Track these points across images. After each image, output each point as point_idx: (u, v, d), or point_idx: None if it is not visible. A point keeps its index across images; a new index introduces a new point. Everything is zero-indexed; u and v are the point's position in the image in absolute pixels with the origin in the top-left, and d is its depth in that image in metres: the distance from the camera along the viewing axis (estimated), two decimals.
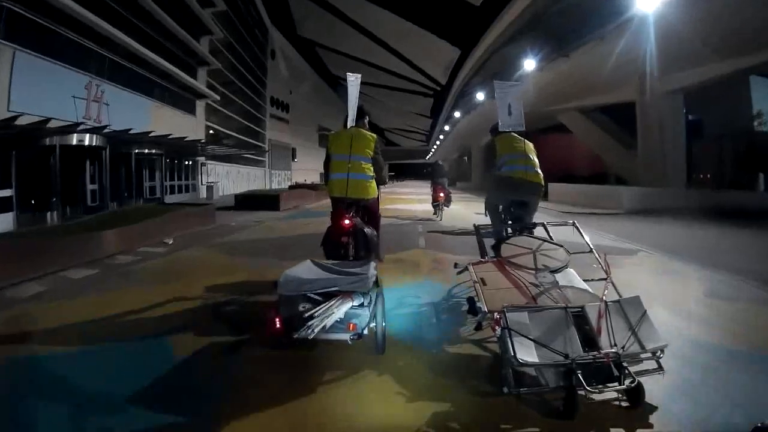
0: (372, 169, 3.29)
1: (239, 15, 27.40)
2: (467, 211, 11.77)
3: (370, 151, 3.27)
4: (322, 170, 3.64)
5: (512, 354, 1.82)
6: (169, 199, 16.47)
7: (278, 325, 2.11)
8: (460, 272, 2.76)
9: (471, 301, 2.35)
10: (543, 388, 1.87)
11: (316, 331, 1.96)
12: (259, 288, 3.68)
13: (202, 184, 21.32)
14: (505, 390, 1.84)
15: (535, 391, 1.90)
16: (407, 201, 16.28)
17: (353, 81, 3.51)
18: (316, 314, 2.05)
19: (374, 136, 3.38)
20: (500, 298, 2.23)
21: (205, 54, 21.00)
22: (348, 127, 3.37)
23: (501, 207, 3.74)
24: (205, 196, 20.74)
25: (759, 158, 17.49)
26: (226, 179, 24.73)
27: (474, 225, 3.25)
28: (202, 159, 21.34)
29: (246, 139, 28.82)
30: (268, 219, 10.18)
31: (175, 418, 1.79)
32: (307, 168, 43.45)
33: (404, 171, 66.86)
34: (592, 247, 2.74)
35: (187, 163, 19.90)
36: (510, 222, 3.59)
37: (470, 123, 30.32)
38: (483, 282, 2.42)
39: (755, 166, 16.82)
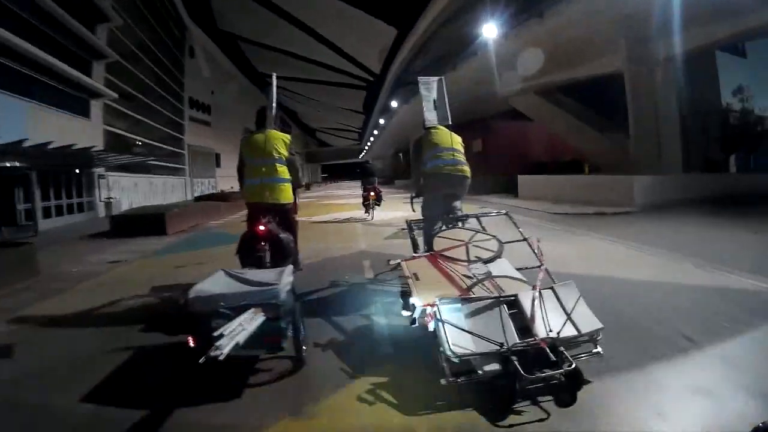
0: (287, 171, 3.43)
1: (148, 4, 25.59)
2: (401, 211, 11.93)
3: (284, 152, 3.41)
4: (238, 173, 3.63)
5: (447, 347, 1.92)
6: (52, 223, 14.42)
7: (192, 345, 2.06)
8: (393, 268, 2.87)
9: (405, 296, 2.42)
10: (481, 377, 1.94)
11: (225, 351, 1.86)
12: None
13: (100, 200, 18.98)
14: (443, 381, 1.94)
15: (472, 380, 1.96)
16: (339, 208, 14.87)
17: (271, 80, 3.68)
18: (225, 332, 1.96)
19: (287, 136, 3.51)
20: (434, 291, 2.32)
21: (100, 45, 18.88)
22: (263, 127, 3.47)
23: (431, 202, 3.89)
24: (103, 214, 18.24)
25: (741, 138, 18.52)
26: (134, 193, 22.72)
27: (406, 220, 3.37)
28: (101, 170, 19.13)
29: (160, 145, 26.87)
30: (140, 252, 7.31)
31: None
32: (233, 174, 41.89)
33: (338, 171, 68.34)
34: (523, 236, 2.96)
35: (81, 176, 17.61)
36: (441, 216, 3.77)
37: (410, 112, 29.42)
38: (416, 277, 2.51)
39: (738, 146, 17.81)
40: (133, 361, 2.63)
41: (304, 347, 2.48)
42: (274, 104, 3.59)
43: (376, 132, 50.30)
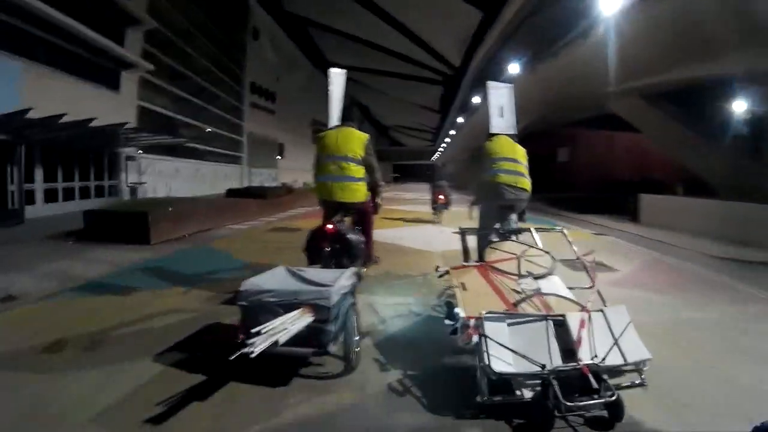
0: (362, 170, 3.86)
1: None
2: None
3: (360, 151, 3.82)
4: (314, 169, 4.16)
5: (487, 363, 2.22)
6: (54, 209, 14.45)
7: (241, 337, 2.42)
8: (441, 276, 3.27)
9: (449, 305, 2.74)
10: (517, 398, 2.25)
11: (257, 350, 2.21)
12: None
13: (128, 185, 19.40)
14: (479, 399, 2.25)
15: (509, 401, 2.26)
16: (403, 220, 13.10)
17: (336, 77, 4.19)
18: (263, 330, 2.32)
19: (365, 135, 3.94)
20: (480, 303, 2.67)
21: (132, 8, 18.99)
22: (330, 125, 3.97)
23: (487, 212, 4.38)
24: (129, 199, 18.65)
25: None
26: (174, 179, 23.85)
27: (459, 228, 3.82)
28: (130, 150, 19.40)
29: (214, 129, 28.97)
30: (74, 278, 5.45)
31: None
32: (298, 167, 44.64)
33: (409, 172, 76.69)
34: (578, 255, 3.27)
35: (103, 156, 17.95)
36: (496, 226, 4.18)
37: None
38: (463, 287, 2.90)
39: None
40: None
41: (356, 351, 2.84)
42: (334, 100, 4.15)
43: (453, 132, 51.12)
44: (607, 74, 16.56)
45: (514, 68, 22.30)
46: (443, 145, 65.42)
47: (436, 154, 74.23)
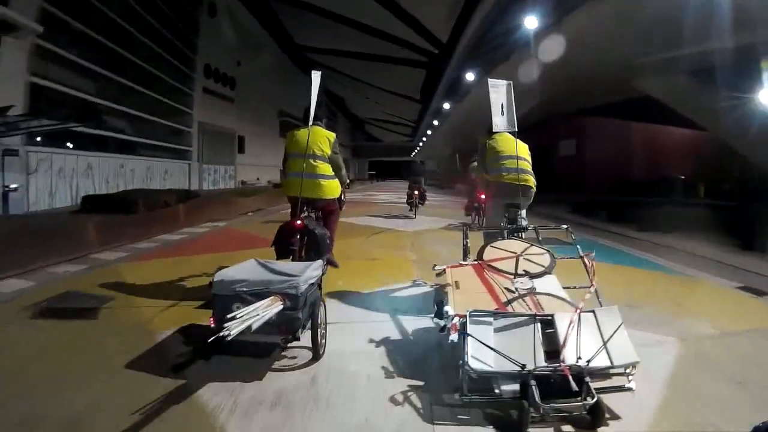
0: (329, 168, 4.97)
1: None
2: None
3: (327, 149, 4.95)
4: (282, 166, 5.12)
5: (467, 361, 2.69)
6: None
7: (213, 325, 3.07)
8: (438, 274, 3.96)
9: (439, 304, 3.29)
10: (496, 397, 2.68)
11: (234, 332, 2.76)
12: None
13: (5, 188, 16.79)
14: (456, 396, 2.70)
15: (487, 400, 2.72)
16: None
17: (316, 77, 5.09)
18: (238, 315, 2.89)
19: (332, 134, 5.06)
20: (470, 302, 3.19)
21: None
22: (308, 123, 4.90)
23: (492, 210, 5.28)
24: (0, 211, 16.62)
25: None
26: (84, 179, 22.17)
27: (462, 224, 4.53)
28: (10, 142, 17.13)
29: (152, 117, 28.28)
30: None
31: None
32: (262, 163, 46.07)
33: (387, 169, 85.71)
34: (580, 253, 3.88)
35: None
36: (502, 225, 5.01)
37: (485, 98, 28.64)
38: (457, 285, 3.50)
39: None
40: None
41: (322, 342, 3.59)
42: (314, 101, 4.99)
43: (435, 122, 53.17)
44: (648, 35, 15.09)
45: (531, 22, 20.62)
46: (423, 138, 69.82)
47: (416, 150, 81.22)
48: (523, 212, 5.12)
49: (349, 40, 46.36)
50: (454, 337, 2.93)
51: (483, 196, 12.09)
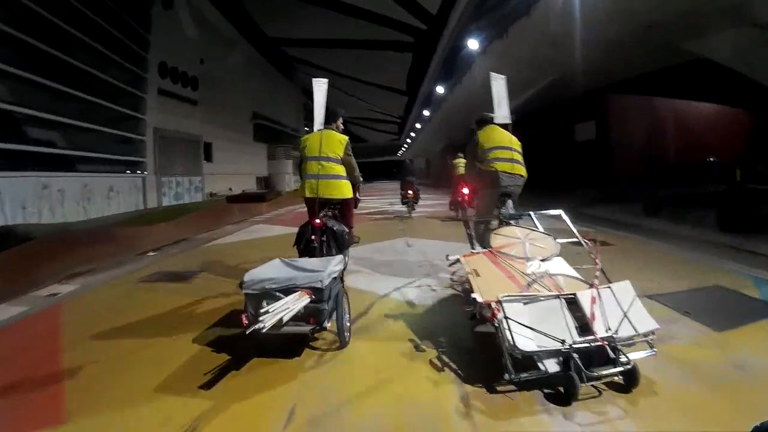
0: (343, 169, 6.02)
1: None
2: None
3: (339, 152, 6.01)
4: (260, 174, 6.97)
5: (511, 342, 3.46)
6: None
7: (245, 322, 3.97)
8: (451, 264, 4.90)
9: (466, 292, 4.17)
10: (542, 374, 3.39)
11: (268, 324, 3.64)
12: None
13: None
14: (506, 377, 3.41)
15: (534, 377, 3.41)
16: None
17: (320, 85, 6.73)
18: (270, 309, 3.76)
19: (345, 137, 6.11)
20: (494, 288, 3.99)
21: None
22: (316, 129, 6.22)
23: (486, 200, 6.45)
24: None
25: None
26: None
27: (463, 217, 5.67)
28: None
29: (88, 125, 27.54)
30: None
31: None
32: (234, 171, 46.67)
33: (375, 171, 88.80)
34: (579, 236, 4.83)
35: None
36: (496, 213, 6.19)
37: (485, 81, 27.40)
38: (476, 273, 4.30)
39: None
40: None
41: (347, 332, 4.64)
42: (321, 108, 6.58)
43: (426, 113, 53.36)
44: None
45: None
46: (411, 134, 73.77)
47: (402, 149, 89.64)
48: (510, 202, 6.35)
49: (329, 25, 47.35)
50: (496, 321, 3.70)
51: (465, 190, 13.51)
